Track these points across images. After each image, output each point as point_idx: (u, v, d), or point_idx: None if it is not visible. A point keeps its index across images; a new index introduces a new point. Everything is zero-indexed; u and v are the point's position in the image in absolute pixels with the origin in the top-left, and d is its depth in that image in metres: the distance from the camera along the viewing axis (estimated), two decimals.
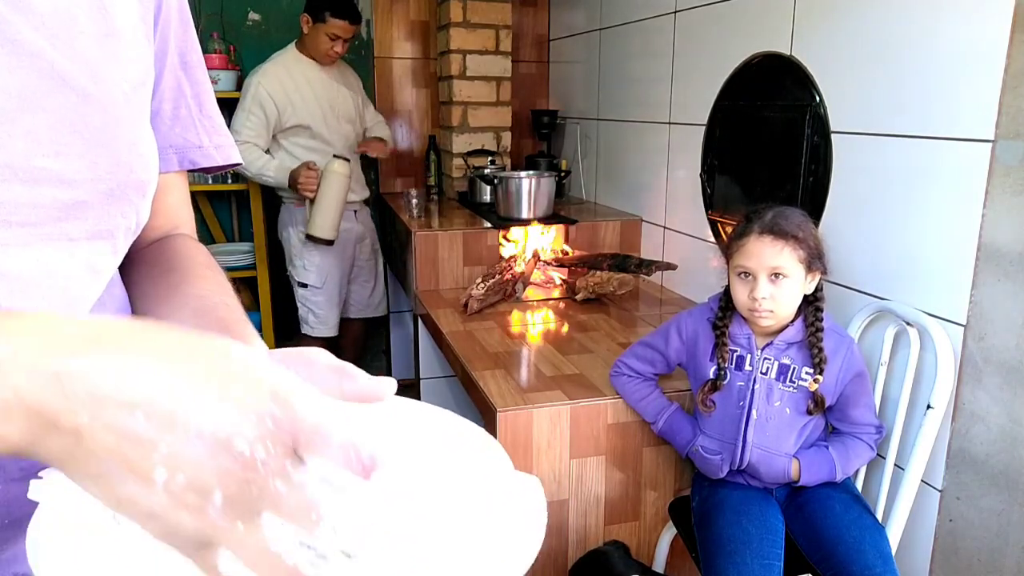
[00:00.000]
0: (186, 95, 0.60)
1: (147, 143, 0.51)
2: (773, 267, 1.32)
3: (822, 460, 1.38)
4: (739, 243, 1.36)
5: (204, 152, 0.62)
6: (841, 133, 1.64)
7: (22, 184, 0.41)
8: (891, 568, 1.26)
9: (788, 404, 1.37)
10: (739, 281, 1.36)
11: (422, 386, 2.53)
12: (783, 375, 1.37)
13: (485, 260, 2.46)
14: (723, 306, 1.43)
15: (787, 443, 1.38)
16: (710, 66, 2.09)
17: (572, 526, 1.61)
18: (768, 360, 1.38)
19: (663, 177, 2.43)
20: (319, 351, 0.44)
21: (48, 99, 0.42)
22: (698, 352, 1.45)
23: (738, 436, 1.37)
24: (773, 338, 1.38)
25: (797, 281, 1.33)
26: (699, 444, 1.43)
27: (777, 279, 1.32)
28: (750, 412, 1.37)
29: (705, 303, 1.50)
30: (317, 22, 2.56)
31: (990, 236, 1.31)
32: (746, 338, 1.40)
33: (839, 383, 1.38)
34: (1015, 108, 1.25)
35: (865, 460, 1.42)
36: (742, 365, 1.39)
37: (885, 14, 1.50)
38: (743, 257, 1.34)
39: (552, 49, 3.43)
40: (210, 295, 0.54)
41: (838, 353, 1.36)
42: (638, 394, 1.53)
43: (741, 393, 1.38)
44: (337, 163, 2.50)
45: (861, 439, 1.40)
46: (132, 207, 0.49)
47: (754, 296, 1.33)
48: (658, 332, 1.54)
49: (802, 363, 1.37)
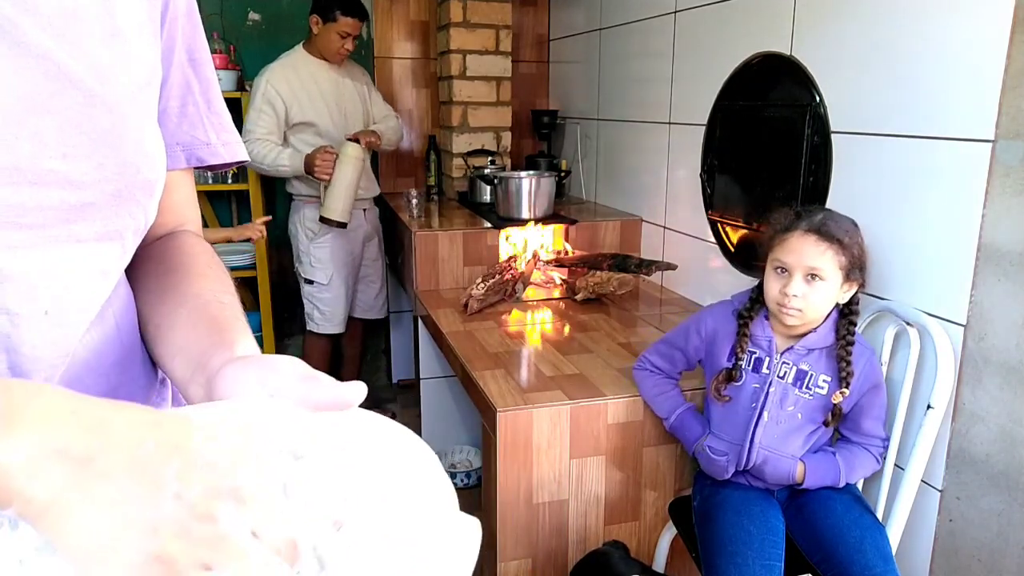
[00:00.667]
0: (194, 92, 0.60)
1: (154, 142, 0.51)
2: (811, 267, 1.29)
3: (828, 466, 1.37)
4: (782, 237, 1.34)
5: (212, 149, 0.62)
6: (841, 133, 1.64)
7: (30, 186, 0.41)
8: (892, 568, 1.26)
9: (801, 410, 1.36)
10: (774, 275, 1.34)
11: (422, 386, 2.53)
12: (800, 381, 1.36)
13: (485, 260, 2.46)
14: (753, 298, 1.41)
15: (794, 446, 1.37)
16: (710, 66, 2.09)
17: (572, 526, 1.61)
18: (787, 365, 1.36)
19: (663, 177, 2.43)
20: (289, 359, 0.44)
21: (55, 100, 0.42)
22: (716, 350, 1.45)
23: (746, 438, 1.37)
24: (794, 342, 1.37)
25: (832, 286, 1.31)
26: (706, 444, 1.43)
27: (812, 280, 1.30)
28: (761, 414, 1.36)
29: (727, 300, 1.49)
30: (328, 22, 2.60)
31: (990, 236, 1.31)
32: (767, 341, 1.38)
33: (856, 393, 1.36)
34: (1015, 108, 1.25)
35: (870, 471, 1.42)
36: (759, 368, 1.38)
37: (885, 14, 1.50)
38: (783, 251, 1.32)
39: (552, 49, 3.43)
40: (206, 293, 0.54)
41: (858, 364, 1.35)
42: (656, 389, 1.53)
43: (755, 395, 1.37)
44: (351, 147, 2.53)
45: (868, 450, 1.40)
46: (140, 207, 0.49)
47: (786, 292, 1.31)
48: (679, 330, 1.54)
49: (820, 370, 1.35)
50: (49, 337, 0.44)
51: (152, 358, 0.56)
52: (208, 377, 0.45)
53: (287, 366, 0.43)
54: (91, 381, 0.49)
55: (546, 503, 1.57)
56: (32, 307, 0.43)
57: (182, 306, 0.53)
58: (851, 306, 1.36)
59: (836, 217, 1.34)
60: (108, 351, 0.51)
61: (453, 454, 2.61)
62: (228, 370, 0.44)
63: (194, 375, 0.47)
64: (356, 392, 0.41)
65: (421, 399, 2.53)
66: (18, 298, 0.42)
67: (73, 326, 0.46)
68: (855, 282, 1.33)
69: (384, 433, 0.41)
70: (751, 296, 1.42)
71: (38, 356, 0.44)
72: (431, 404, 2.55)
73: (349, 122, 2.76)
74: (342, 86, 2.75)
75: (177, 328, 0.52)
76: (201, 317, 0.52)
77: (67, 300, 0.45)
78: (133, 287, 0.57)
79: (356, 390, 0.40)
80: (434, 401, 2.55)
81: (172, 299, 0.54)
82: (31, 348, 0.43)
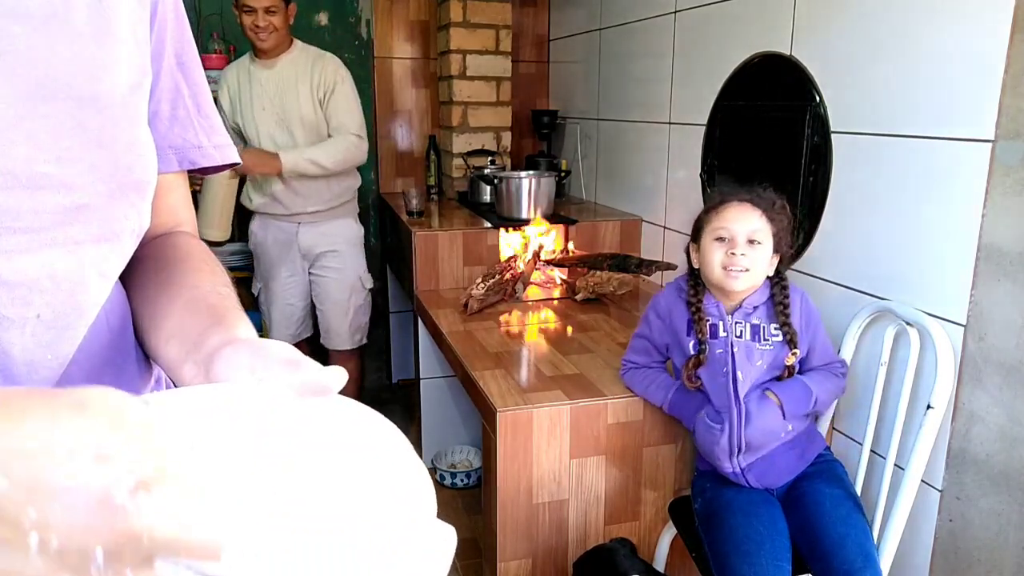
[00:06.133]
0: (184, 95, 0.60)
1: (145, 144, 0.51)
2: (751, 230, 1.38)
3: (796, 386, 1.42)
4: (718, 209, 1.42)
5: (203, 152, 0.62)
6: (841, 133, 1.64)
7: (24, 190, 0.41)
8: (872, 565, 1.27)
9: (767, 361, 1.42)
10: (715, 245, 1.40)
11: (422, 386, 2.53)
12: (756, 335, 1.42)
13: (485, 260, 2.46)
14: (692, 283, 1.47)
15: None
16: (710, 66, 2.09)
17: (572, 526, 1.61)
18: (740, 324, 1.43)
19: (663, 177, 2.43)
20: (279, 344, 0.43)
21: (47, 105, 0.42)
22: (676, 326, 1.49)
23: (730, 401, 1.39)
24: (739, 304, 1.44)
25: (768, 251, 1.40)
26: (704, 411, 1.45)
27: (752, 244, 1.38)
28: (735, 375, 1.39)
29: (673, 282, 1.55)
30: (234, 7, 2.35)
31: (990, 236, 1.31)
32: (715, 307, 1.45)
33: (804, 335, 1.44)
34: (1015, 108, 1.25)
35: (839, 388, 1.48)
36: (716, 333, 1.44)
37: (885, 14, 1.50)
38: (722, 221, 1.40)
39: (552, 49, 3.43)
40: (203, 285, 0.54)
41: (794, 306, 1.43)
42: (646, 381, 1.55)
43: (722, 359, 1.41)
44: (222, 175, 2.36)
45: (830, 371, 1.46)
46: (134, 208, 0.49)
47: (732, 253, 1.37)
48: (641, 321, 1.60)
49: (768, 320, 1.43)
50: (43, 340, 0.44)
51: (145, 350, 0.56)
52: (206, 355, 0.45)
53: (275, 350, 0.42)
54: (81, 380, 0.49)
55: (546, 503, 1.57)
56: (23, 311, 0.43)
57: (178, 296, 0.53)
58: (778, 274, 1.45)
59: (763, 191, 1.43)
60: (99, 350, 0.51)
61: (453, 454, 2.61)
62: (227, 351, 0.44)
63: (189, 354, 0.47)
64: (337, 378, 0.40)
65: (421, 399, 2.53)
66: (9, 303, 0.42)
67: (70, 329, 0.46)
68: (779, 255, 1.43)
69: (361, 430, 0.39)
70: (690, 282, 1.48)
71: (30, 360, 0.44)
72: (431, 404, 2.55)
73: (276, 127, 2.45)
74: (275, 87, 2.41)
75: (174, 315, 0.52)
76: (199, 305, 0.51)
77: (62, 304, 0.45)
78: (127, 285, 0.57)
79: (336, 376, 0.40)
80: (434, 401, 2.55)
81: (168, 292, 0.54)
82: (21, 352, 0.43)
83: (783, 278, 1.45)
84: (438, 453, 2.58)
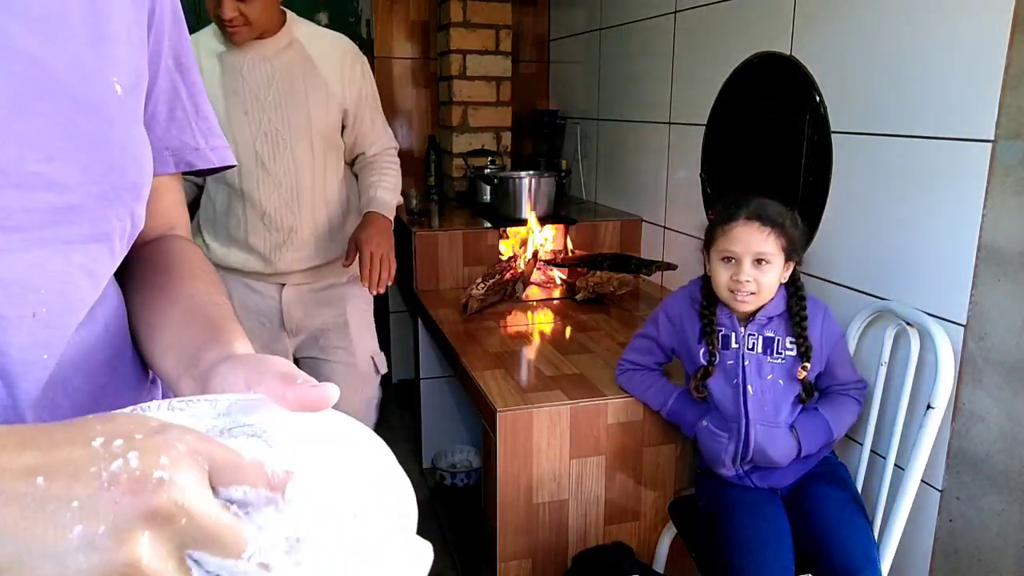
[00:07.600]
0: (181, 97, 0.60)
1: (140, 146, 0.51)
2: (758, 252, 1.35)
3: (817, 424, 1.41)
4: (724, 228, 1.38)
5: (200, 154, 0.62)
6: (841, 133, 1.64)
7: (14, 189, 0.41)
8: (873, 567, 1.27)
9: (779, 376, 1.40)
10: (722, 264, 1.39)
11: (422, 386, 2.53)
12: (769, 348, 1.41)
13: (485, 260, 2.46)
14: (706, 294, 1.45)
15: (784, 414, 1.40)
16: (710, 66, 2.09)
17: (572, 526, 1.60)
18: (753, 336, 1.41)
19: (663, 177, 2.43)
20: (276, 359, 0.43)
21: (41, 104, 0.42)
22: (686, 333, 1.48)
23: (739, 413, 1.38)
24: (752, 316, 1.42)
25: (778, 267, 1.37)
26: (707, 419, 1.44)
27: (760, 265, 1.35)
28: (745, 388, 1.38)
29: (686, 286, 1.52)
30: None
31: (990, 236, 1.31)
32: (728, 318, 1.43)
33: (824, 352, 1.41)
34: (1015, 108, 1.25)
35: (855, 415, 1.46)
36: (728, 344, 1.42)
37: (885, 14, 1.50)
38: (729, 242, 1.37)
39: (552, 49, 3.43)
40: (199, 294, 0.54)
41: (816, 325, 1.40)
42: (643, 384, 1.54)
43: (733, 371, 1.41)
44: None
45: (849, 395, 1.45)
46: (127, 210, 0.49)
47: (737, 279, 1.35)
48: (648, 321, 1.57)
49: (784, 333, 1.41)
50: (38, 339, 0.44)
51: (142, 357, 0.56)
52: (203, 372, 0.45)
53: (271, 364, 0.42)
54: (79, 381, 0.49)
55: (546, 503, 1.57)
56: (19, 310, 0.43)
57: (175, 305, 0.53)
58: (795, 282, 1.42)
59: (770, 203, 1.39)
60: (96, 352, 0.51)
61: (453, 454, 2.61)
62: (224, 367, 0.44)
63: (187, 369, 0.47)
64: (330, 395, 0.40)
65: (421, 399, 2.53)
66: (5, 301, 0.42)
67: (61, 328, 0.46)
68: (794, 261, 1.40)
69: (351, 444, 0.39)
70: (703, 292, 1.46)
71: (26, 359, 0.44)
72: (430, 404, 2.55)
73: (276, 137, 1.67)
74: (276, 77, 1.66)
75: (171, 326, 0.52)
76: (196, 316, 0.52)
77: (55, 302, 0.45)
78: (123, 289, 0.57)
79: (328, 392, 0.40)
80: (434, 401, 2.55)
81: (164, 299, 0.54)
82: (18, 351, 0.43)
83: (800, 287, 1.42)
84: (438, 453, 2.58)
